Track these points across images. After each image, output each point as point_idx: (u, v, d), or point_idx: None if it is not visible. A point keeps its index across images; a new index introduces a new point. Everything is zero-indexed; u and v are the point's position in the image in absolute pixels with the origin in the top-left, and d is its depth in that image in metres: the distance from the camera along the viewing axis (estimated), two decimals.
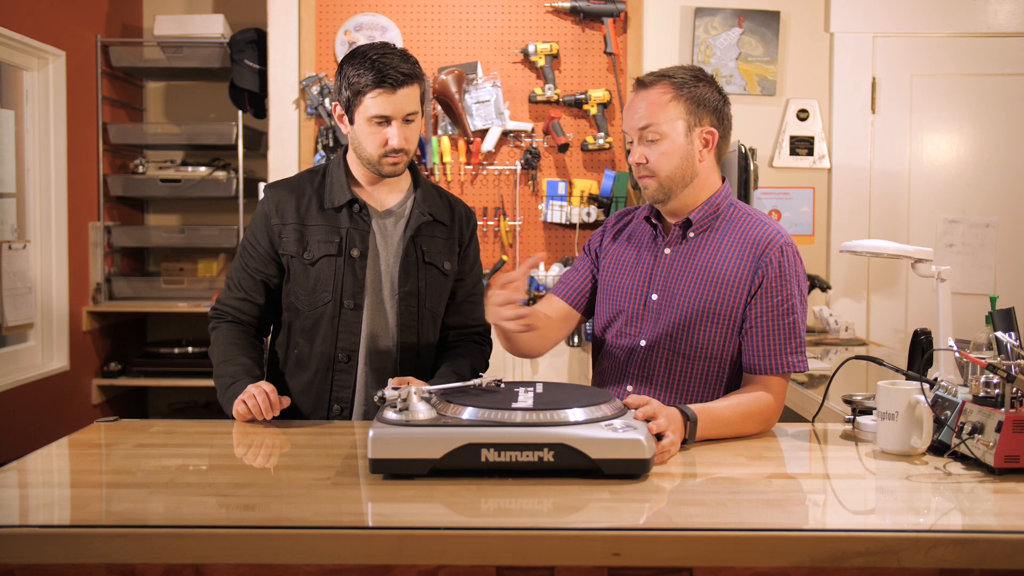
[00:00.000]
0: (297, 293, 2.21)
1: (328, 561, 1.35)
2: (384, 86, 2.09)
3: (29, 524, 1.40)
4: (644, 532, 1.37)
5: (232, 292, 2.25)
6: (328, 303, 2.19)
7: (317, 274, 2.19)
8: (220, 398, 2.15)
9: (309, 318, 2.21)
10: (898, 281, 4.13)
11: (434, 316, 2.29)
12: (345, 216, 2.20)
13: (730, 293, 1.99)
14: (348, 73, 2.14)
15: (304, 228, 2.20)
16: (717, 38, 4.05)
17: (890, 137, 4.11)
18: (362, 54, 2.14)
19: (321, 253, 2.19)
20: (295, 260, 2.20)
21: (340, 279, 2.19)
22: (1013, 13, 4.05)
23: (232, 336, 2.22)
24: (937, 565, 1.34)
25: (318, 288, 2.19)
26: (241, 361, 2.17)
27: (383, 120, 2.12)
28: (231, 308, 2.25)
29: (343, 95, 2.16)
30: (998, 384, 1.65)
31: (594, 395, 1.74)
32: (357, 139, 2.18)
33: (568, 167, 4.06)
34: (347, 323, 2.20)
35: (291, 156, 4.02)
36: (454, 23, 4.04)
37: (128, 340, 4.52)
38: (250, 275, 2.23)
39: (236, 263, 2.27)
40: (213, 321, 2.28)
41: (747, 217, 2.06)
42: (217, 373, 2.18)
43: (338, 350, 2.20)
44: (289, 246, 2.20)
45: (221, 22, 4.26)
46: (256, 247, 2.23)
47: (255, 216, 2.26)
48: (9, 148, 3.75)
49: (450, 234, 2.30)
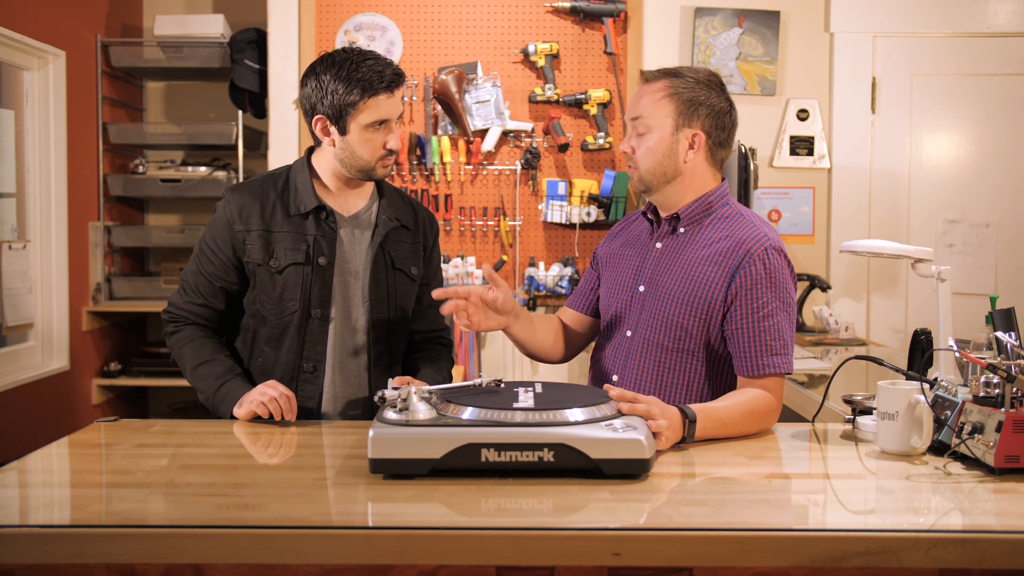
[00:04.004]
0: (263, 301, 2.16)
1: (328, 561, 1.35)
2: (382, 91, 2.07)
3: (29, 524, 1.40)
4: (644, 532, 1.37)
5: (189, 297, 2.19)
6: (295, 312, 2.15)
7: (284, 282, 2.14)
8: (209, 398, 2.11)
9: (276, 327, 2.16)
10: (898, 281, 4.13)
11: (404, 321, 2.27)
12: (312, 223, 2.16)
13: (708, 290, 2.00)
14: (333, 84, 2.07)
15: (269, 235, 2.14)
16: (717, 38, 4.05)
17: (890, 137, 4.11)
18: (344, 61, 2.08)
19: (288, 261, 2.14)
20: (261, 268, 2.14)
21: (308, 287, 2.14)
22: (1013, 13, 4.05)
23: (199, 337, 2.17)
24: (937, 565, 1.34)
25: (285, 297, 2.14)
26: (221, 360, 2.14)
27: (381, 124, 2.10)
28: (190, 313, 2.19)
29: (329, 105, 2.09)
30: (998, 384, 1.65)
31: (594, 395, 1.74)
32: (350, 147, 2.12)
33: (568, 167, 4.06)
34: (313, 333, 2.16)
35: (291, 156, 4.02)
36: (454, 23, 4.04)
37: (128, 340, 4.52)
38: (208, 281, 2.17)
39: (192, 267, 2.20)
40: (170, 325, 2.21)
41: (738, 217, 2.07)
42: (199, 374, 2.13)
43: (303, 360, 2.16)
44: (254, 253, 2.14)
45: (221, 22, 4.26)
46: (217, 253, 2.16)
47: (215, 220, 2.19)
48: (9, 148, 3.75)
49: (415, 239, 2.28)
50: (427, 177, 4.05)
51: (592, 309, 2.27)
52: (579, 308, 2.28)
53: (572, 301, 2.31)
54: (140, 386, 4.46)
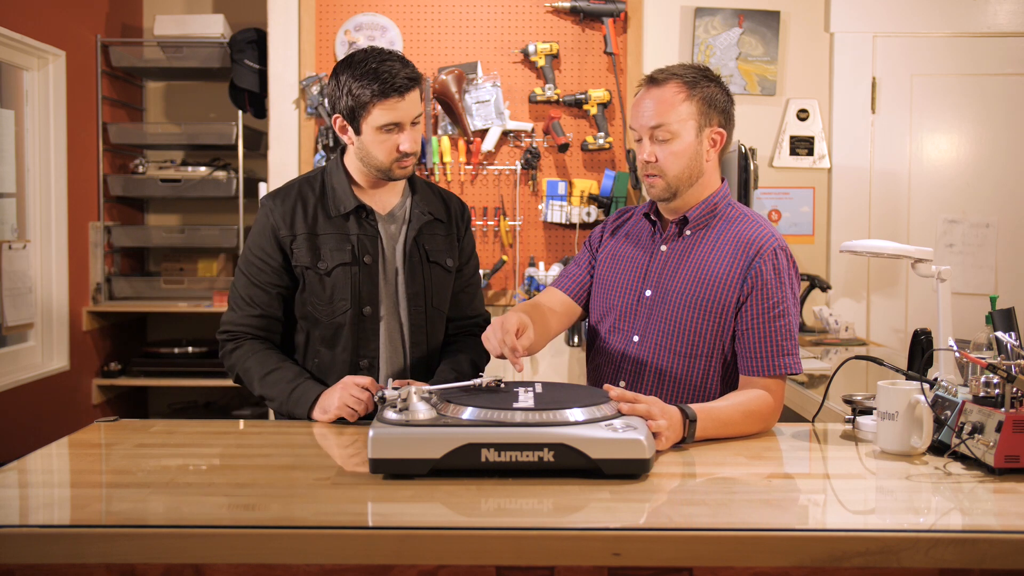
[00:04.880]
0: (314, 303, 2.17)
1: (328, 561, 1.35)
2: (392, 94, 2.07)
3: (29, 524, 1.40)
4: (644, 532, 1.37)
5: (244, 311, 2.17)
6: (347, 311, 2.16)
7: (333, 283, 2.16)
8: (283, 403, 2.08)
9: (329, 327, 2.17)
10: (898, 281, 4.13)
11: (441, 314, 2.29)
12: (353, 222, 2.18)
13: (721, 291, 2.00)
14: (349, 84, 2.09)
15: (315, 238, 2.16)
16: (717, 38, 4.05)
17: (890, 137, 4.11)
18: (360, 62, 2.09)
19: (336, 262, 2.15)
20: (310, 271, 2.15)
21: (357, 286, 2.17)
22: (1013, 13, 4.05)
23: (261, 349, 2.16)
24: (937, 565, 1.34)
25: (335, 297, 2.16)
26: (289, 366, 2.14)
27: (393, 127, 2.10)
28: (249, 327, 2.17)
29: (344, 105, 2.11)
30: (998, 384, 1.65)
31: (594, 395, 1.74)
32: (365, 148, 2.14)
33: (568, 167, 4.06)
34: (366, 330, 2.18)
35: (291, 156, 4.03)
36: (454, 23, 4.04)
37: (128, 340, 4.52)
38: (264, 290, 2.16)
39: (241, 281, 2.18)
40: (229, 343, 2.18)
41: (743, 218, 2.07)
42: (268, 382, 2.10)
43: (360, 357, 2.18)
44: (301, 257, 2.15)
45: (221, 22, 4.26)
46: (267, 260, 2.16)
47: (258, 230, 2.19)
48: (9, 148, 3.75)
49: (448, 230, 2.30)
50: (427, 177, 4.05)
51: (584, 300, 2.21)
52: (571, 294, 2.21)
53: (564, 284, 2.22)
54: (140, 386, 4.46)
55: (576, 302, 2.21)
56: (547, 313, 2.16)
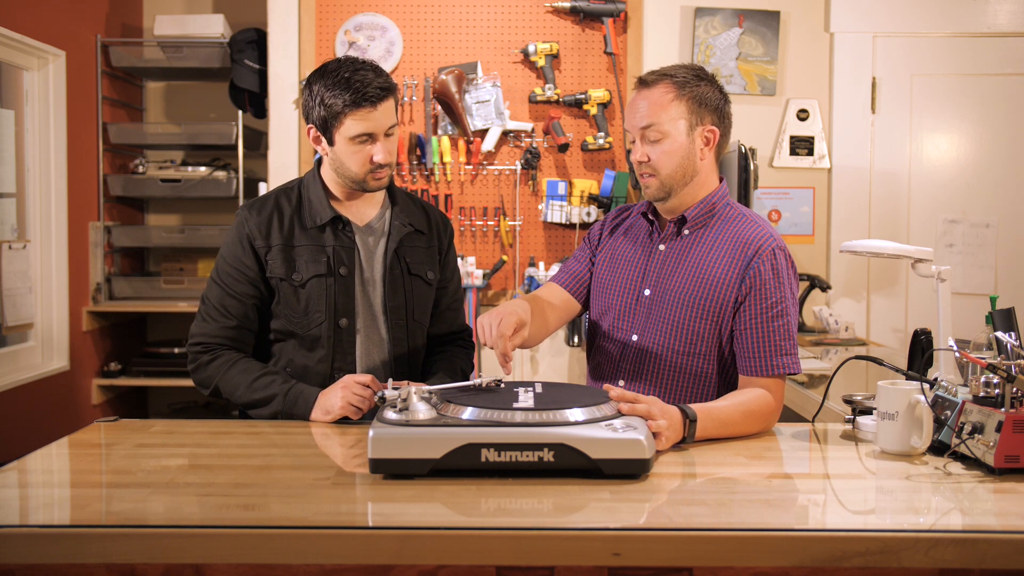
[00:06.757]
0: (288, 315, 2.15)
1: (328, 561, 1.35)
2: (365, 104, 2.05)
3: (29, 524, 1.40)
4: (644, 532, 1.37)
5: (219, 321, 2.13)
6: (322, 323, 2.14)
7: (308, 295, 2.14)
8: (279, 402, 2.05)
9: (304, 339, 2.16)
10: (898, 281, 4.13)
11: (421, 327, 2.27)
12: (329, 234, 2.16)
13: (719, 291, 2.00)
14: (321, 93, 2.07)
15: (291, 249, 2.14)
16: (717, 38, 4.05)
17: (890, 137, 4.11)
18: (333, 72, 2.08)
19: (310, 274, 2.13)
20: (284, 283, 2.13)
21: (332, 298, 2.15)
22: (1013, 13, 4.05)
23: (241, 359, 2.13)
24: (937, 565, 1.34)
25: (310, 309, 2.14)
26: (276, 371, 2.12)
27: (367, 138, 2.09)
28: (225, 339, 2.13)
29: (317, 116, 2.09)
30: (998, 384, 1.65)
31: (594, 395, 1.74)
32: (339, 159, 2.12)
33: (568, 167, 4.06)
34: (343, 342, 2.16)
35: (291, 156, 4.03)
36: (454, 23, 4.04)
37: (128, 340, 4.52)
38: (239, 300, 2.13)
39: (214, 291, 2.14)
40: (205, 355, 2.12)
41: (741, 218, 2.07)
42: (258, 386, 2.07)
43: (335, 369, 2.16)
44: (276, 268, 2.13)
45: (221, 22, 4.26)
46: (243, 271, 2.13)
47: (232, 240, 2.15)
48: (9, 148, 3.75)
49: (429, 242, 2.28)
50: (427, 177, 4.05)
51: (584, 296, 2.22)
52: (571, 290, 2.21)
53: (564, 280, 2.23)
54: (140, 386, 4.46)
55: (575, 298, 2.22)
56: (546, 308, 2.17)
